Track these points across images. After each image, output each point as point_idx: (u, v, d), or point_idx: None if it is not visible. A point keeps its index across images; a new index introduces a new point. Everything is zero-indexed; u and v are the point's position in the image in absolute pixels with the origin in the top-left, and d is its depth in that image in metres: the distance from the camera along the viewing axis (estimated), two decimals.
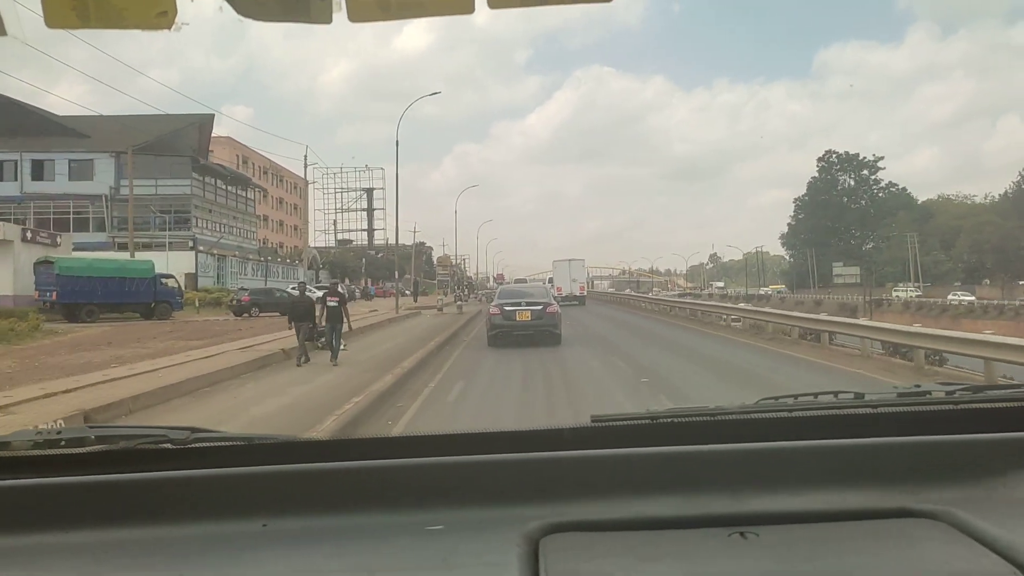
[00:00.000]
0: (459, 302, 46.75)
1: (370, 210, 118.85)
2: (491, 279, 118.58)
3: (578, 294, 47.42)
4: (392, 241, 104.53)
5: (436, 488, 1.19)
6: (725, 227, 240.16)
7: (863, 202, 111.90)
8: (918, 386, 1.65)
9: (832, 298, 79.50)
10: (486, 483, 1.20)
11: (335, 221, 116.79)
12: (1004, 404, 1.42)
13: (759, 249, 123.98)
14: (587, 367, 14.07)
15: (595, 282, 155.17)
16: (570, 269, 49.16)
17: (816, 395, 1.57)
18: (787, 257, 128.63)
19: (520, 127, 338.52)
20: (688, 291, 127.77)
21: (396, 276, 50.62)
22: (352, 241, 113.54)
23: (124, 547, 1.10)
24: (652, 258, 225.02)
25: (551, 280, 48.46)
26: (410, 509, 1.16)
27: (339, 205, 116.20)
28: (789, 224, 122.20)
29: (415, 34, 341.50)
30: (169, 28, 0.91)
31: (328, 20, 0.88)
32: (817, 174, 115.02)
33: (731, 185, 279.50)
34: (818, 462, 1.22)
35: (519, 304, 17.81)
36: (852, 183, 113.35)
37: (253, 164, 78.06)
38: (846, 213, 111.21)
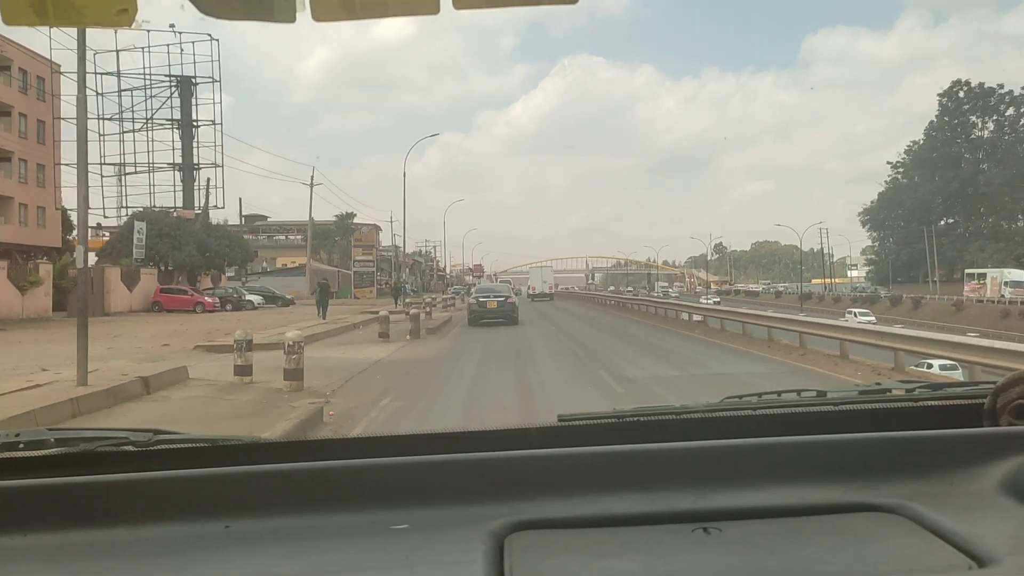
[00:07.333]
0: None
1: (188, 124, 48.97)
2: (470, 273, 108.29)
3: (548, 292, 63.83)
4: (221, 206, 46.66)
5: (401, 488, 1.19)
6: (721, 218, 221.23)
7: (1004, 151, 76.82)
8: (879, 384, 1.71)
9: None
10: (451, 482, 1.20)
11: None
12: (961, 401, 1.45)
13: (822, 231, 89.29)
14: None
15: (595, 274, 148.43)
16: (542, 273, 69.97)
17: (780, 393, 1.63)
18: (871, 240, 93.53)
19: (505, 117, 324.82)
20: (714, 287, 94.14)
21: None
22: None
23: (83, 550, 1.09)
24: (641, 249, 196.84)
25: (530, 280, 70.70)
26: (374, 509, 1.15)
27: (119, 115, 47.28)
28: (880, 193, 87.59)
29: (396, 22, 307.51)
30: (129, 26, 0.91)
31: (292, 19, 0.87)
32: (936, 118, 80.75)
33: (720, 175, 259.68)
34: (781, 458, 1.23)
35: (489, 297, 27.82)
36: (991, 129, 78.59)
37: None
38: (982, 173, 76.80)
